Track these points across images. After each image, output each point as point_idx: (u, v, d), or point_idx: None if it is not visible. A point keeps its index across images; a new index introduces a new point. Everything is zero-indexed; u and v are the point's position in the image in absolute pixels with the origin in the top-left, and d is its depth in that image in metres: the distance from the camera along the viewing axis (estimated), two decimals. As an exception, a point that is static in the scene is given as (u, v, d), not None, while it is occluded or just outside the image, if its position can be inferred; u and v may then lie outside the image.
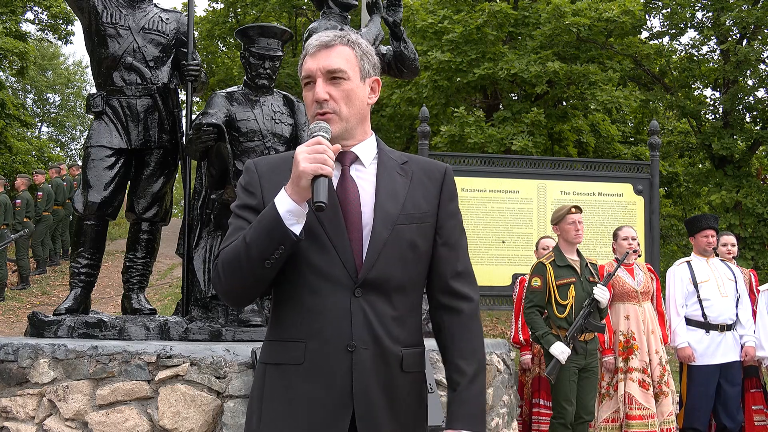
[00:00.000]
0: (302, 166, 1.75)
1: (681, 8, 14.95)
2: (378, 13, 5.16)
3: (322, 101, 1.88)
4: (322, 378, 1.84)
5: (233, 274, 1.83)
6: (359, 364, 1.84)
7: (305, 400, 1.84)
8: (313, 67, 1.91)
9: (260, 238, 1.79)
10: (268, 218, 1.79)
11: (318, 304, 1.85)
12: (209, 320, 4.64)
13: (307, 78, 1.92)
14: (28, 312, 7.61)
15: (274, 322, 1.95)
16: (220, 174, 4.75)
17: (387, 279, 1.88)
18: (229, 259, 1.84)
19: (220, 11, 20.34)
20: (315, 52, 1.92)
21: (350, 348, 1.84)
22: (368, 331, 1.85)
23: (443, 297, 1.99)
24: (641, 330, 5.71)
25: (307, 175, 1.75)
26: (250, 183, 1.94)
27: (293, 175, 1.77)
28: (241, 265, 1.81)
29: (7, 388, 3.88)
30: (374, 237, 1.88)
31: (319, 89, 1.89)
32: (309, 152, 1.76)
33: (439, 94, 14.54)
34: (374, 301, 1.87)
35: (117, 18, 4.89)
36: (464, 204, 7.72)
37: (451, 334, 1.97)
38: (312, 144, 1.78)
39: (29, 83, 29.68)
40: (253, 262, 1.80)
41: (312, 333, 1.85)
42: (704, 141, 14.75)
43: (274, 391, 1.88)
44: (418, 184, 1.98)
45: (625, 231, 5.90)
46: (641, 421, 5.52)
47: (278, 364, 1.89)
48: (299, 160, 1.76)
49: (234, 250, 1.83)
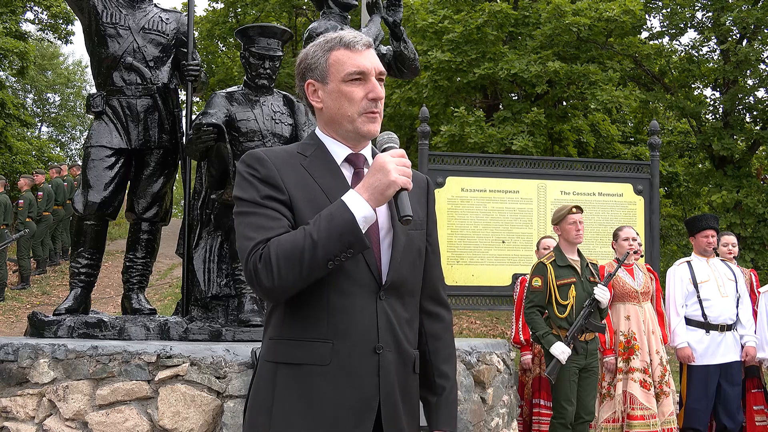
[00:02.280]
0: (394, 177, 1.77)
1: (681, 8, 14.96)
2: (378, 13, 5.15)
3: (380, 99, 1.93)
4: (348, 379, 1.84)
5: (291, 269, 1.78)
6: (385, 366, 1.87)
7: (329, 402, 1.84)
8: (368, 65, 1.93)
9: (331, 238, 1.76)
10: (342, 220, 1.76)
11: (346, 305, 1.86)
12: (209, 320, 4.64)
13: (359, 74, 1.92)
14: (28, 312, 7.61)
15: (289, 320, 1.90)
16: (220, 174, 4.75)
17: (404, 283, 1.94)
18: (289, 254, 1.78)
19: (220, 11, 20.33)
20: (363, 50, 1.95)
21: (378, 350, 1.86)
22: (391, 333, 1.89)
23: (429, 303, 2.07)
24: (642, 330, 5.71)
25: (396, 186, 1.78)
26: (270, 175, 1.90)
27: (378, 182, 1.78)
28: (303, 262, 1.77)
29: (7, 388, 3.88)
30: (396, 242, 1.92)
31: (379, 88, 1.93)
32: (398, 164, 1.80)
33: (439, 94, 14.54)
34: (394, 305, 1.91)
35: (117, 18, 4.89)
36: (464, 204, 7.72)
37: (434, 339, 2.05)
38: (398, 155, 1.82)
39: (29, 83, 29.68)
40: (317, 260, 1.77)
41: (339, 334, 1.85)
42: (704, 141, 14.75)
43: (290, 391, 1.86)
44: (412, 192, 1.99)
45: (626, 231, 5.90)
46: (643, 421, 5.52)
47: (297, 365, 1.86)
48: (390, 170, 1.78)
49: (295, 245, 1.78)
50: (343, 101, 1.93)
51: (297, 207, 1.87)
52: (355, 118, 1.92)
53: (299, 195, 1.88)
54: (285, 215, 1.86)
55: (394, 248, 1.91)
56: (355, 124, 1.93)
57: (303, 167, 1.93)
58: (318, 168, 1.92)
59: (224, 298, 4.75)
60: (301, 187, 1.89)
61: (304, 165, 1.94)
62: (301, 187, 1.89)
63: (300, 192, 1.88)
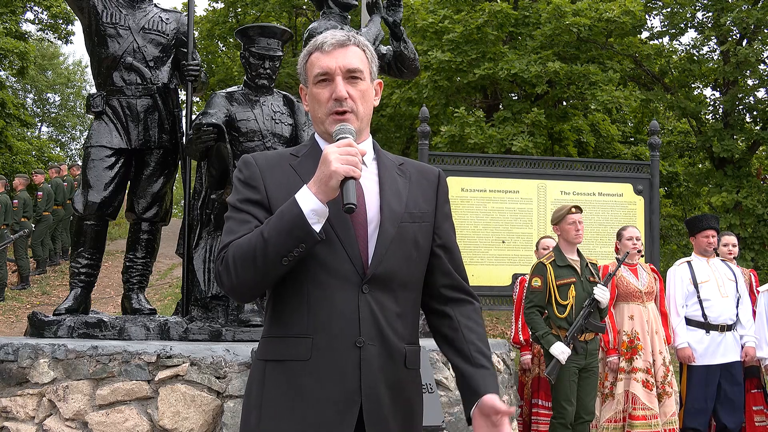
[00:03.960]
0: (334, 167, 1.75)
1: (681, 8, 14.95)
2: (378, 13, 5.15)
3: (343, 99, 1.90)
4: (329, 374, 1.83)
5: (247, 269, 1.80)
6: (367, 360, 1.85)
7: (312, 397, 1.84)
8: (332, 65, 1.91)
9: (281, 235, 1.77)
10: (290, 216, 1.77)
11: (325, 298, 1.85)
12: (209, 320, 4.64)
13: (324, 75, 1.92)
14: (28, 312, 7.61)
15: (273, 318, 1.92)
16: (220, 174, 4.75)
17: (392, 276, 1.90)
18: (243, 254, 1.81)
19: (220, 11, 20.33)
20: (331, 50, 1.92)
21: (358, 344, 1.84)
22: (375, 327, 1.86)
23: (450, 292, 2.02)
24: (645, 330, 5.71)
25: (338, 175, 1.75)
26: (251, 177, 1.93)
27: (322, 174, 1.77)
28: (256, 261, 1.79)
29: (7, 388, 3.88)
30: (382, 233, 1.90)
31: (340, 87, 1.90)
32: (341, 153, 1.77)
33: (439, 95, 14.54)
34: (380, 298, 1.88)
35: (117, 18, 4.89)
36: (464, 204, 7.72)
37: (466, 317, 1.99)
38: (343, 145, 1.79)
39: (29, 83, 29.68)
40: (270, 258, 1.78)
41: (318, 328, 1.85)
42: (705, 143, 14.75)
43: (276, 388, 1.87)
44: (417, 184, 2.00)
45: (630, 231, 5.91)
46: (645, 421, 5.53)
47: (281, 361, 1.88)
48: (330, 160, 1.76)
49: (249, 245, 1.80)
50: (314, 104, 1.95)
51: (276, 207, 1.87)
52: (324, 119, 1.93)
53: (281, 195, 1.88)
54: (256, 216, 1.88)
55: (378, 240, 1.89)
56: (325, 126, 1.94)
57: (292, 167, 1.94)
58: (307, 168, 1.92)
59: (224, 298, 4.74)
60: (284, 188, 1.89)
61: (293, 165, 1.95)
62: (284, 187, 1.89)
63: (283, 192, 1.88)
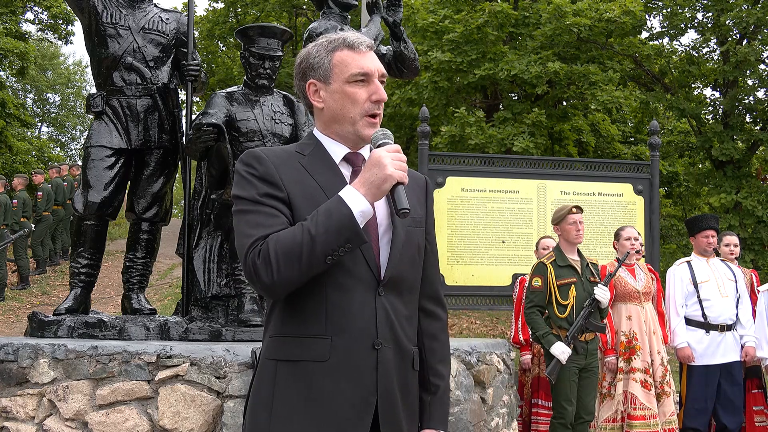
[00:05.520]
0: (390, 171, 1.78)
1: (681, 9, 14.95)
2: (378, 13, 5.15)
3: (383, 102, 1.94)
4: (348, 375, 1.85)
5: (290, 264, 1.79)
6: (383, 361, 1.87)
7: (329, 398, 1.84)
8: (372, 67, 1.94)
9: (329, 233, 1.77)
10: (339, 215, 1.78)
11: (344, 301, 1.86)
12: (209, 320, 4.64)
13: (363, 76, 1.93)
14: (28, 312, 7.61)
15: (287, 318, 1.91)
16: (220, 174, 4.75)
17: (403, 279, 1.94)
18: (287, 250, 1.79)
19: (220, 11, 20.34)
20: (366, 52, 1.96)
21: (376, 346, 1.87)
22: (390, 329, 1.89)
23: (427, 302, 2.07)
24: (643, 330, 5.71)
25: (393, 180, 1.79)
26: (268, 173, 1.91)
27: (374, 177, 1.79)
28: (301, 257, 1.79)
29: (7, 388, 3.87)
30: (396, 238, 1.92)
31: (382, 90, 1.94)
32: (394, 158, 1.81)
33: (439, 95, 14.53)
34: (393, 301, 1.91)
35: (117, 18, 4.89)
36: (464, 204, 7.72)
37: (430, 338, 2.06)
38: (394, 151, 1.83)
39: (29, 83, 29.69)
40: (316, 256, 1.79)
41: (337, 330, 1.86)
42: (704, 143, 14.75)
43: (290, 388, 1.87)
44: (411, 189, 2.00)
45: (628, 231, 5.91)
46: (643, 421, 5.53)
47: (296, 361, 1.87)
48: (386, 164, 1.79)
49: (293, 241, 1.79)
50: (347, 102, 1.93)
51: (295, 204, 1.88)
52: (357, 120, 1.93)
53: (297, 193, 1.89)
54: (283, 212, 1.87)
55: (393, 244, 1.91)
56: (356, 126, 1.94)
57: (302, 165, 1.94)
58: (316, 166, 1.92)
59: (224, 298, 4.75)
60: (299, 185, 1.90)
61: (302, 163, 1.94)
62: (299, 185, 1.90)
63: (298, 190, 1.89)
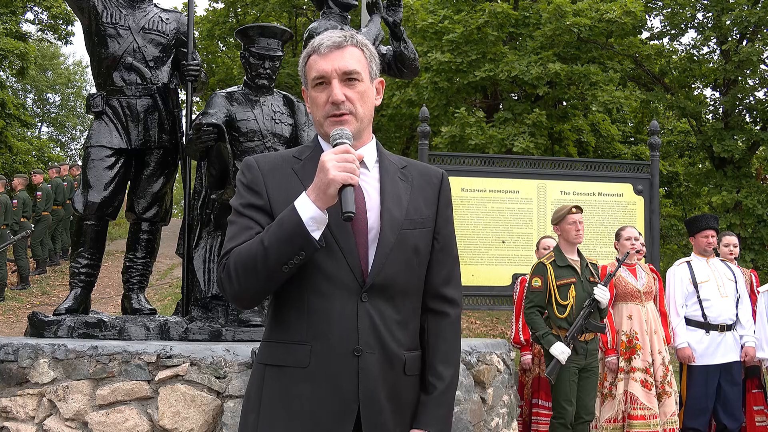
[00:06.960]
0: (332, 174, 1.74)
1: (681, 8, 14.95)
2: (378, 13, 5.15)
3: (340, 102, 1.88)
4: (327, 381, 1.83)
5: (248, 277, 1.81)
6: (365, 368, 1.84)
7: (309, 403, 1.84)
8: (328, 68, 1.90)
9: (280, 242, 1.77)
10: (290, 223, 1.77)
11: (324, 307, 1.85)
12: (209, 320, 4.64)
13: (320, 78, 1.91)
14: (28, 312, 7.61)
15: (274, 323, 1.93)
16: (220, 174, 4.75)
17: (392, 283, 1.89)
18: (244, 261, 1.81)
19: (220, 11, 20.35)
20: (327, 53, 1.91)
21: (356, 352, 1.84)
22: (374, 335, 1.86)
23: (432, 301, 2.01)
24: (644, 330, 5.71)
25: (336, 183, 1.74)
26: (253, 181, 1.92)
27: (320, 182, 1.76)
28: (257, 269, 1.80)
29: (7, 388, 3.87)
30: (382, 242, 1.88)
31: (337, 90, 1.88)
32: (338, 160, 1.76)
33: (439, 96, 14.54)
34: (380, 306, 1.87)
35: (117, 18, 4.89)
36: (464, 204, 7.72)
37: (434, 336, 1.99)
38: (340, 152, 1.77)
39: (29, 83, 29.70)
40: (270, 266, 1.78)
41: (317, 336, 1.85)
42: (705, 142, 14.75)
43: (274, 392, 1.88)
44: (419, 189, 1.98)
45: (628, 231, 5.91)
46: (644, 421, 5.53)
47: (280, 366, 1.88)
48: (328, 167, 1.74)
49: (249, 252, 1.81)
50: (314, 107, 1.94)
51: (276, 211, 1.87)
52: (322, 122, 1.92)
53: (281, 199, 1.88)
54: (259, 222, 1.87)
55: (378, 248, 1.88)
56: (324, 128, 1.93)
57: (293, 171, 1.94)
58: (308, 171, 1.90)
59: (224, 298, 4.74)
60: (284, 192, 1.89)
61: (294, 169, 1.94)
62: (285, 191, 1.89)
63: (283, 196, 1.88)
